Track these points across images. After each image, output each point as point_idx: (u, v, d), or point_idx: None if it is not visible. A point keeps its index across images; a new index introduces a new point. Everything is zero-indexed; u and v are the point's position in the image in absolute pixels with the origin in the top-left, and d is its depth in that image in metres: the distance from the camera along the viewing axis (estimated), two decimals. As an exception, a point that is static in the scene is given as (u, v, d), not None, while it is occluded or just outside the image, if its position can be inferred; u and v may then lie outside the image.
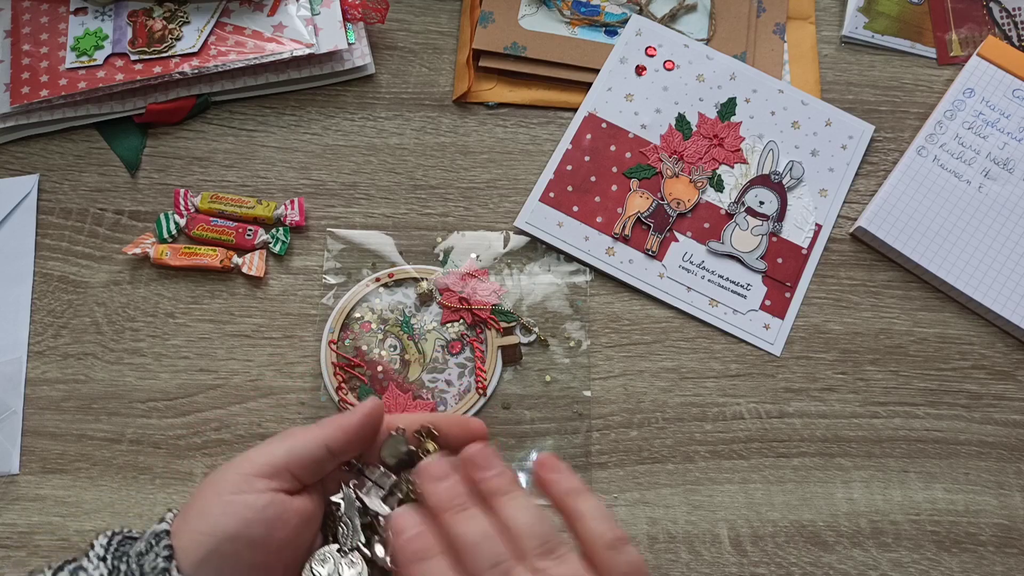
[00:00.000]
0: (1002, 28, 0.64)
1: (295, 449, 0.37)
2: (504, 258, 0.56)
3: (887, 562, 0.50)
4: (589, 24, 0.61)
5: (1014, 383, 0.54)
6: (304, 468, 0.37)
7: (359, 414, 0.38)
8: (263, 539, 0.36)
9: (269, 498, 0.36)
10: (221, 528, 0.35)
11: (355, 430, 0.38)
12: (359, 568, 0.38)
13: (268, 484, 0.37)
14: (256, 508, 0.36)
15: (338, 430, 0.38)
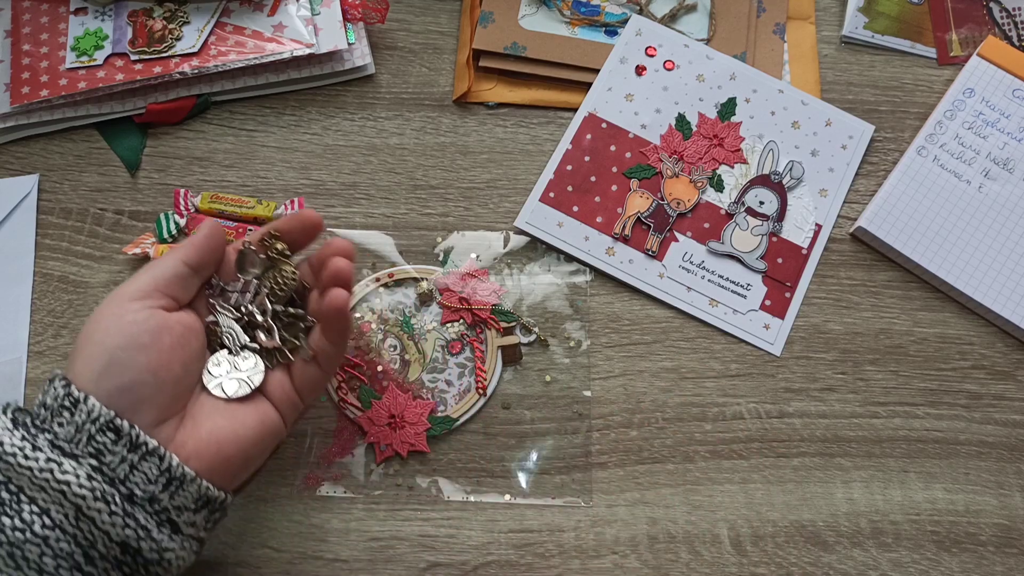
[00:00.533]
0: (1002, 28, 0.64)
1: (157, 271, 0.41)
2: (504, 258, 0.56)
3: (887, 562, 0.50)
4: (589, 24, 0.61)
5: (1014, 383, 0.54)
6: (171, 285, 0.41)
7: (203, 230, 0.43)
8: (152, 343, 0.39)
9: (148, 313, 0.39)
10: (110, 342, 0.38)
11: (202, 242, 0.42)
12: (252, 360, 0.42)
13: (143, 304, 0.39)
14: (138, 321, 0.39)
15: (188, 247, 0.42)
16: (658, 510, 0.50)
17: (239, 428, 0.40)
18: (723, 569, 0.49)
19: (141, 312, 0.39)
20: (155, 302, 0.40)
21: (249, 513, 0.49)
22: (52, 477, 0.35)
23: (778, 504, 0.51)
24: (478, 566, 0.49)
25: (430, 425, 0.51)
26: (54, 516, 0.35)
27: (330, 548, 0.49)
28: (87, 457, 0.36)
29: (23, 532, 0.34)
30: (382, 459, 0.51)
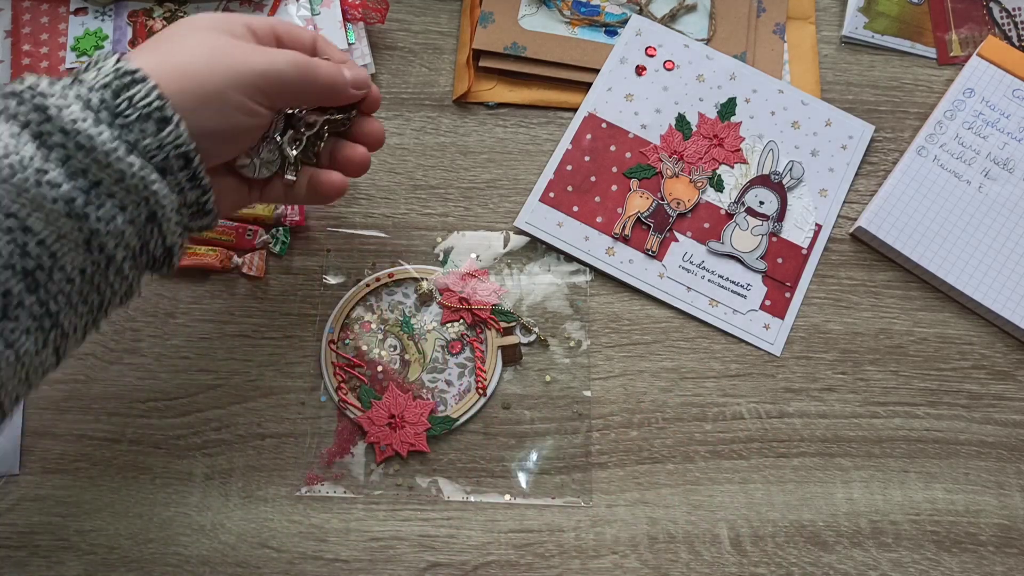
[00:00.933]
0: (1002, 28, 0.64)
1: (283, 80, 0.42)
2: (504, 258, 0.56)
3: (887, 562, 0.50)
4: (589, 24, 0.61)
5: (1014, 383, 0.54)
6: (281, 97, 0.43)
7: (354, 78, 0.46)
8: (238, 139, 0.42)
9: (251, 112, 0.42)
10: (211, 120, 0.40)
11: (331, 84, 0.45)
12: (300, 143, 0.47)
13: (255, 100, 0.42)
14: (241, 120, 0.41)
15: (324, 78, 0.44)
16: (658, 510, 0.50)
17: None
18: (723, 569, 0.49)
19: (248, 106, 0.41)
20: (262, 102, 0.42)
21: (249, 513, 0.49)
22: (143, 183, 0.37)
23: (778, 504, 0.51)
24: (478, 566, 0.49)
25: (430, 425, 0.51)
26: (130, 213, 0.37)
27: (330, 548, 0.49)
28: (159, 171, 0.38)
29: (106, 224, 0.36)
30: (382, 459, 0.51)
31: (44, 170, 0.35)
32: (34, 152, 0.34)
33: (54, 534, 0.49)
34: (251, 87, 0.41)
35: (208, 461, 0.51)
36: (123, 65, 0.37)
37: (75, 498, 0.50)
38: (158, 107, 0.37)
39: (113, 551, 0.48)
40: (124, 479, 0.50)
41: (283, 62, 0.42)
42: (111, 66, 0.37)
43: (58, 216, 0.35)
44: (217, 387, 0.52)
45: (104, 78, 0.37)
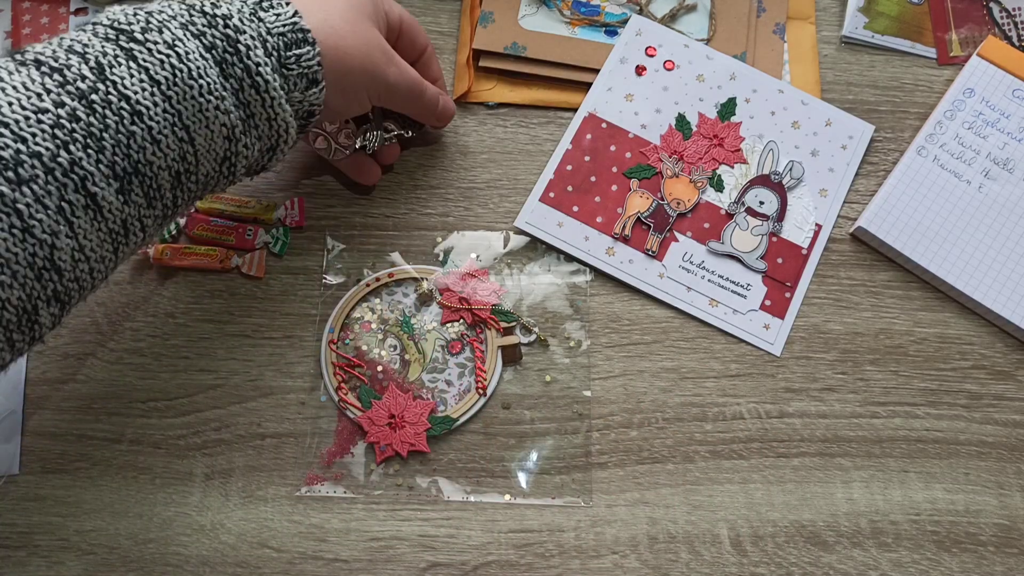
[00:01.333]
0: (1002, 28, 0.64)
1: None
2: (504, 258, 0.56)
3: (887, 562, 0.50)
4: (589, 24, 0.61)
5: (1014, 383, 0.54)
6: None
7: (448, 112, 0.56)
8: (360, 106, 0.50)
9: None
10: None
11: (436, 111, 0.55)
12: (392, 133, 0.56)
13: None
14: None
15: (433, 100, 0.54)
16: (658, 510, 0.50)
17: None
18: (723, 569, 0.49)
19: (365, 101, 0.49)
20: (374, 100, 0.50)
21: (249, 513, 0.49)
22: (286, 127, 0.44)
23: (778, 504, 0.51)
24: (478, 566, 0.49)
25: (430, 425, 0.51)
26: (264, 143, 0.44)
27: (330, 548, 0.49)
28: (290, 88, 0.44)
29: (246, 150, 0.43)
30: (382, 459, 0.51)
31: (223, 96, 0.40)
32: (216, 78, 0.40)
33: (54, 534, 0.49)
34: (375, 91, 0.49)
35: (208, 461, 0.51)
36: (299, 21, 0.43)
37: (75, 498, 0.50)
38: (316, 72, 0.43)
39: (113, 551, 0.48)
40: (124, 479, 0.50)
41: (405, 82, 0.50)
42: (288, 16, 0.43)
43: (218, 136, 0.41)
44: (217, 387, 0.52)
45: (282, 26, 0.42)
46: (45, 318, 0.39)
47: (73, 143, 0.36)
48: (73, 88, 0.37)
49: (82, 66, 0.37)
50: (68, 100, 0.37)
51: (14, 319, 0.37)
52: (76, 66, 0.37)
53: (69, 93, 0.37)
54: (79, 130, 0.36)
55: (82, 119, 0.37)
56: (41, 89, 0.36)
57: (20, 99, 0.36)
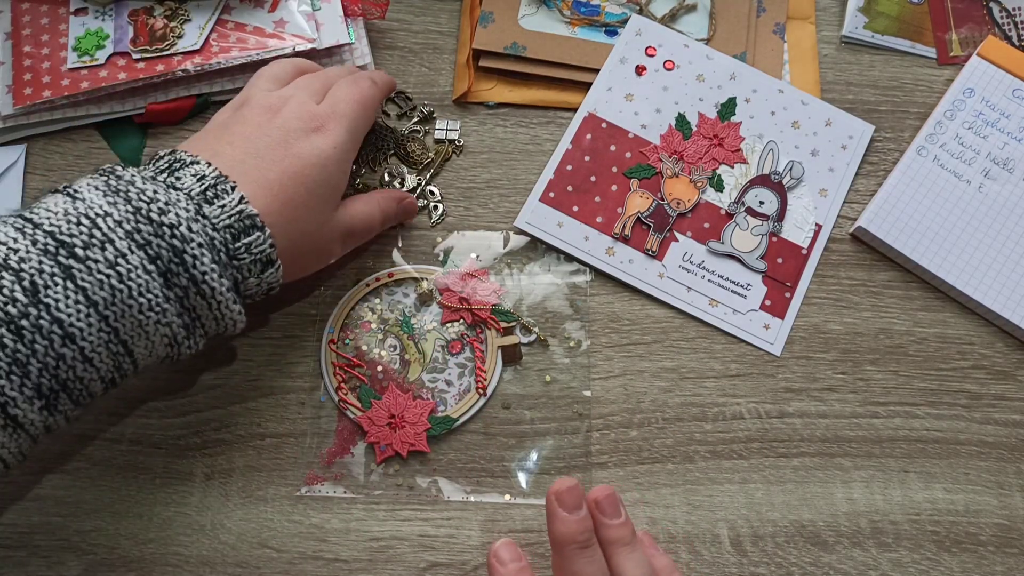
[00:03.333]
0: (1002, 28, 0.64)
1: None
2: (504, 258, 0.56)
3: (887, 562, 0.50)
4: (589, 24, 0.61)
5: (1014, 383, 0.54)
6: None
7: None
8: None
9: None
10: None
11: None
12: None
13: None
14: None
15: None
16: (658, 510, 0.50)
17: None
18: (723, 569, 0.49)
19: (338, 251, 0.51)
20: (347, 243, 0.52)
21: (249, 513, 0.49)
22: (234, 324, 0.43)
23: (778, 504, 0.51)
24: (478, 566, 0.49)
25: (430, 425, 0.51)
26: (209, 338, 0.43)
27: (330, 548, 0.49)
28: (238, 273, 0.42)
29: (190, 350, 0.42)
30: (382, 459, 0.51)
31: (165, 310, 0.39)
32: (160, 291, 0.39)
33: (54, 534, 0.49)
34: (338, 246, 0.50)
35: (208, 461, 0.51)
36: (245, 208, 0.41)
37: (75, 498, 0.50)
38: (269, 253, 0.43)
39: (113, 551, 0.48)
40: (124, 479, 0.50)
41: (363, 221, 0.51)
42: (234, 205, 0.41)
43: (160, 345, 0.40)
44: (217, 387, 0.52)
45: (227, 218, 0.41)
46: None
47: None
48: (2, 313, 0.35)
49: (15, 287, 0.36)
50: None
51: None
52: (8, 286, 0.35)
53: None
54: (4, 357, 0.35)
55: (8, 346, 0.35)
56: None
57: None
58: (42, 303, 0.36)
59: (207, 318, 0.41)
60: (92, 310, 0.37)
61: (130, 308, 0.38)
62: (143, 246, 0.38)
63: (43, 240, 0.37)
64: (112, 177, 0.40)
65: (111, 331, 0.38)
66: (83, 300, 0.37)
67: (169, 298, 0.39)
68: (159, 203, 0.39)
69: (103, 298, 0.37)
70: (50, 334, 0.36)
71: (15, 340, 0.35)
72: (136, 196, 0.39)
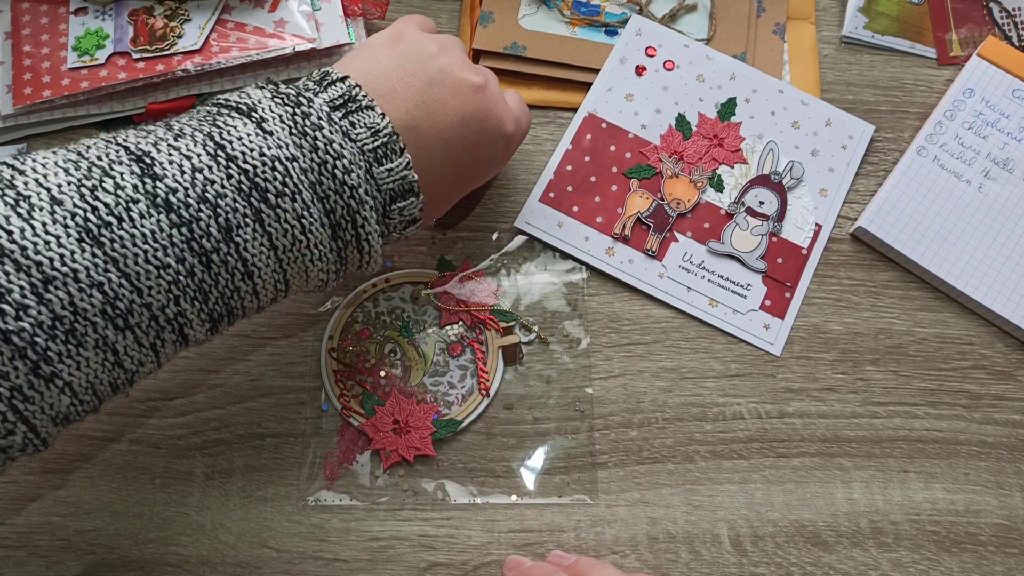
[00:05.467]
0: (1002, 28, 0.64)
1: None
2: (501, 258, 0.56)
3: (887, 562, 0.50)
4: (589, 24, 0.61)
5: (1014, 383, 0.54)
6: None
7: None
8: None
9: None
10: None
11: None
12: None
13: None
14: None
15: None
16: (658, 510, 0.50)
17: None
18: (723, 569, 0.49)
19: None
20: None
21: (249, 513, 0.49)
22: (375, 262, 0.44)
23: (778, 504, 0.51)
24: (478, 566, 0.49)
25: (435, 429, 0.51)
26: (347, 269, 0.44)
27: (330, 548, 0.49)
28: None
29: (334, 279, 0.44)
30: (389, 465, 0.50)
31: (327, 259, 0.41)
32: (328, 242, 0.41)
33: (54, 534, 0.49)
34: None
35: (208, 461, 0.51)
36: (408, 175, 0.42)
37: (75, 498, 0.50)
38: (415, 217, 0.44)
39: (113, 551, 0.48)
40: (124, 479, 0.50)
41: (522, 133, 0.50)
42: (400, 170, 0.42)
43: (312, 284, 0.43)
44: (217, 387, 0.52)
45: (392, 183, 0.42)
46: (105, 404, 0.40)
47: (184, 297, 0.37)
48: (198, 246, 0.37)
49: (211, 223, 0.37)
50: (189, 256, 0.36)
51: (79, 417, 0.37)
52: (206, 221, 0.37)
53: (193, 250, 0.37)
54: (191, 285, 0.37)
55: (197, 275, 0.37)
56: (168, 242, 0.36)
57: (147, 251, 0.35)
58: (232, 241, 0.38)
59: (353, 264, 0.43)
60: (272, 253, 0.39)
61: (303, 256, 0.40)
62: (323, 199, 0.39)
63: (237, 177, 0.38)
64: (299, 113, 0.40)
65: (282, 272, 0.40)
66: (267, 244, 0.39)
67: (333, 248, 0.41)
68: (344, 160, 0.40)
69: (283, 244, 0.39)
70: (234, 270, 0.38)
71: (203, 271, 0.37)
72: (323, 147, 0.39)
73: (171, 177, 0.37)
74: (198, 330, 0.39)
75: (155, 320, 0.36)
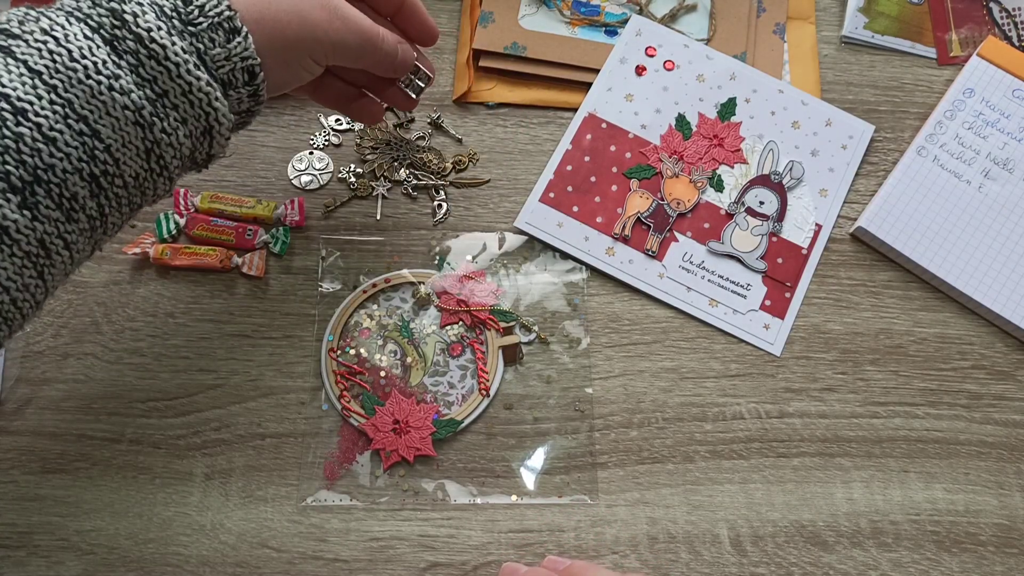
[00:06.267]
0: (1002, 28, 0.64)
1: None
2: (500, 259, 0.56)
3: (887, 562, 0.50)
4: (589, 24, 0.61)
5: (1014, 383, 0.54)
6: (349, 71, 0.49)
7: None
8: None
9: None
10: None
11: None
12: (326, 161, 0.57)
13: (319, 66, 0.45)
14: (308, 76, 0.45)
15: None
16: (658, 510, 0.50)
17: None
18: (723, 569, 0.49)
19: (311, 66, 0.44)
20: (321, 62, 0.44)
21: (249, 513, 0.49)
22: (207, 98, 0.38)
23: (778, 504, 0.51)
24: (478, 566, 0.49)
25: (435, 429, 0.51)
26: (190, 126, 0.38)
27: (330, 548, 0.49)
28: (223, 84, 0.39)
29: (168, 136, 0.38)
30: (389, 465, 0.50)
31: (116, 75, 0.35)
32: (106, 56, 0.35)
33: (54, 534, 0.49)
34: (320, 52, 0.43)
35: (208, 461, 0.50)
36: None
37: (75, 498, 0.50)
38: (229, 16, 0.38)
39: (113, 551, 0.48)
40: (124, 479, 0.50)
41: (355, 36, 0.44)
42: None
43: (125, 123, 0.36)
44: (217, 387, 0.52)
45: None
46: None
47: None
48: None
49: None
50: None
51: None
52: None
53: None
54: None
55: None
56: None
57: None
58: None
59: (174, 93, 0.37)
60: (37, 79, 0.34)
61: (75, 72, 0.35)
62: (83, 19, 0.36)
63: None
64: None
65: (64, 102, 0.35)
66: (26, 71, 0.34)
67: (120, 65, 0.35)
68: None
69: (45, 66, 0.34)
70: (1, 111, 0.34)
71: None
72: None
73: None
74: (3, 206, 0.34)
75: None
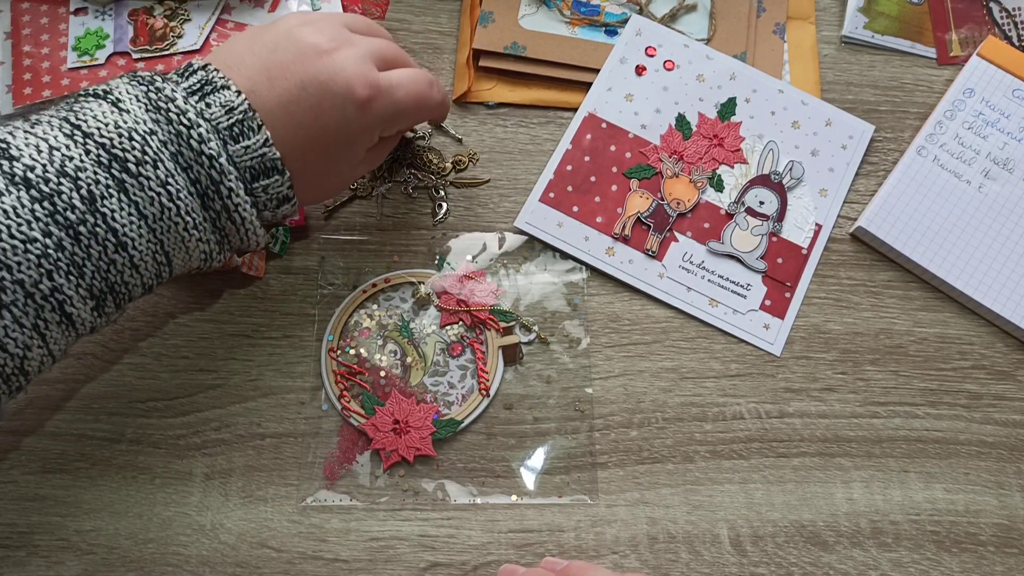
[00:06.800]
0: (1002, 28, 0.64)
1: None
2: (500, 258, 0.56)
3: (887, 562, 0.50)
4: (589, 24, 0.61)
5: (1014, 383, 0.54)
6: None
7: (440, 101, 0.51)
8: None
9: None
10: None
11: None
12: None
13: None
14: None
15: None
16: (658, 510, 0.50)
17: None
18: (723, 569, 0.49)
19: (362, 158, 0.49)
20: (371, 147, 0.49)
21: (249, 513, 0.49)
22: (256, 236, 0.44)
23: (778, 504, 0.51)
24: (478, 566, 0.49)
25: (435, 429, 0.51)
26: (227, 252, 0.45)
27: (330, 548, 0.49)
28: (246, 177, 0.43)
29: (213, 262, 0.44)
30: (389, 465, 0.50)
31: (203, 228, 0.41)
32: (199, 212, 0.41)
33: (54, 534, 0.49)
34: (375, 135, 0.48)
35: (208, 461, 0.51)
36: (268, 152, 0.42)
37: (75, 498, 0.50)
38: (286, 195, 0.44)
39: (113, 551, 0.48)
40: (124, 479, 0.50)
41: (411, 99, 0.47)
42: (258, 148, 0.42)
43: (195, 259, 0.43)
44: (217, 387, 0.52)
45: (251, 160, 0.42)
46: (5, 404, 0.40)
47: (56, 271, 0.37)
48: (62, 218, 0.37)
49: (73, 194, 0.37)
50: (56, 230, 0.37)
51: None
52: (67, 193, 0.37)
53: (58, 223, 0.37)
54: (63, 259, 0.37)
55: (67, 248, 0.37)
56: (31, 216, 0.36)
57: (10, 226, 0.36)
58: (99, 212, 0.38)
59: (234, 237, 0.43)
60: (143, 223, 0.39)
61: (176, 225, 0.40)
62: (186, 169, 0.40)
63: (95, 151, 0.38)
64: (152, 90, 0.40)
65: (158, 243, 0.40)
66: (135, 213, 0.39)
67: (206, 218, 0.41)
68: (200, 130, 0.40)
69: (152, 213, 0.39)
70: (105, 241, 0.38)
71: (73, 244, 0.37)
72: (177, 118, 0.40)
73: (27, 156, 0.37)
74: (81, 308, 0.39)
75: (31, 298, 0.37)
